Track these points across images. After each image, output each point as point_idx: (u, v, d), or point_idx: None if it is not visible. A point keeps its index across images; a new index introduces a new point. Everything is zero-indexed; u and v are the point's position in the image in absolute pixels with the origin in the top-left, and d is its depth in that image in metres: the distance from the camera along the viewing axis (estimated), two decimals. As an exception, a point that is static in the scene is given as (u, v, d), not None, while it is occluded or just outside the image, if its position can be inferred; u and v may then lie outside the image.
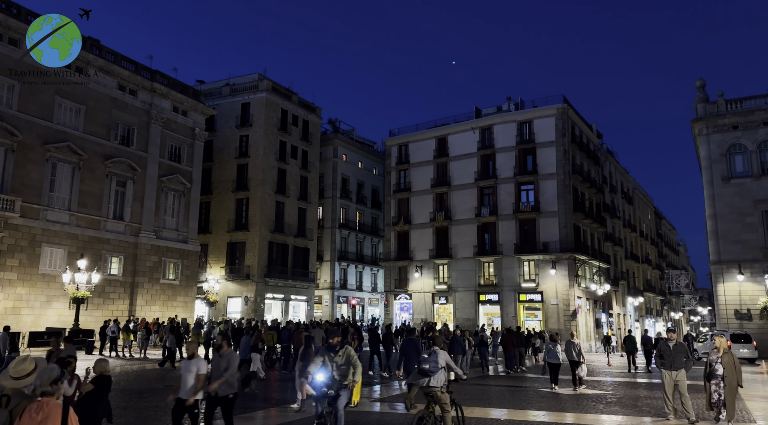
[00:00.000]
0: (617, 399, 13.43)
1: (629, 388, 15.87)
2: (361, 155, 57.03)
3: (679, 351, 10.27)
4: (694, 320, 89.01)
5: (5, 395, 4.11)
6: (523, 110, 46.75)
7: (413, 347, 13.08)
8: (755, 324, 35.39)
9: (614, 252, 52.78)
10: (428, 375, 7.48)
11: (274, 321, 27.88)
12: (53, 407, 3.90)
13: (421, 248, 48.00)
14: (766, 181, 36.25)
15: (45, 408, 3.88)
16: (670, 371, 10.22)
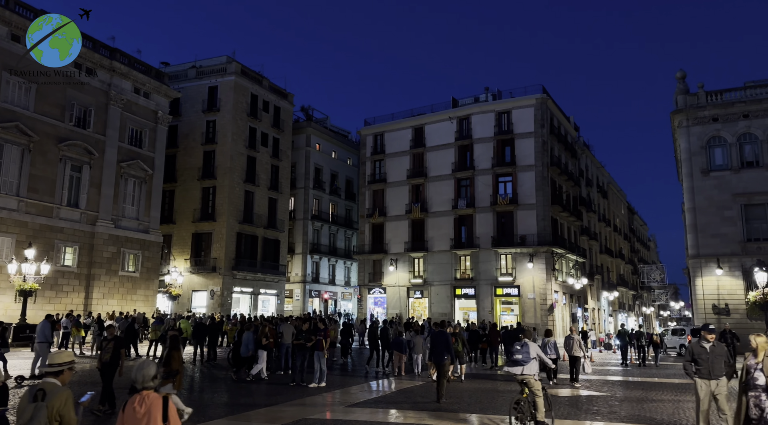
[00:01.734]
0: (619, 402, 12.24)
1: (627, 388, 14.76)
2: (335, 145, 55.31)
3: (718, 354, 8.06)
4: (664, 315, 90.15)
5: (41, 389, 4.28)
6: (500, 100, 45.73)
7: (444, 339, 12.84)
8: (733, 318, 35.16)
9: (590, 246, 52.39)
10: (521, 365, 8.52)
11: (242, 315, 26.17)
12: (154, 400, 4.12)
13: (396, 241, 46.65)
14: (746, 174, 35.98)
15: (147, 400, 4.11)
16: (709, 380, 7.99)
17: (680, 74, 39.80)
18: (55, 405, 4.25)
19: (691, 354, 8.21)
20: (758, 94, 36.57)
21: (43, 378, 4.47)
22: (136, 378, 4.25)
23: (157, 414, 4.11)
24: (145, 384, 4.23)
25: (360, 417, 10.48)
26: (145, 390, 4.22)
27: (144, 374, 4.25)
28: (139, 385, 4.24)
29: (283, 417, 10.16)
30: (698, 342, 8.22)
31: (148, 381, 4.25)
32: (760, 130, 35.86)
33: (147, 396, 4.17)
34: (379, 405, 11.88)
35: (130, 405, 4.15)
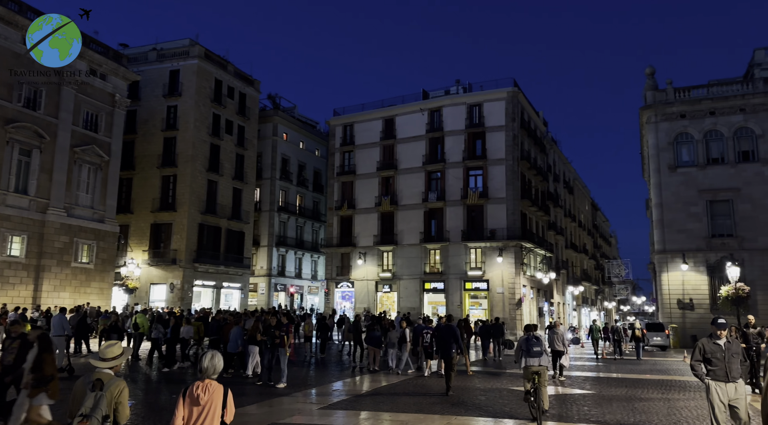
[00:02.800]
0: (607, 401, 11.68)
1: (611, 386, 14.28)
2: (303, 135, 53.90)
3: (735, 352, 7.00)
4: (624, 309, 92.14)
5: (98, 379, 4.48)
6: (472, 93, 45.25)
7: (452, 333, 12.98)
8: (697, 313, 35.73)
9: (556, 241, 52.68)
10: (538, 357, 9.39)
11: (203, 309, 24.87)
12: (216, 388, 4.39)
13: (365, 234, 45.73)
14: (712, 170, 36.51)
15: (210, 388, 4.35)
16: (726, 383, 6.87)
17: (649, 70, 40.08)
18: (113, 394, 4.44)
19: (702, 353, 7.11)
20: (724, 92, 37.11)
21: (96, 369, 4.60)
22: (207, 367, 4.42)
23: (219, 402, 4.33)
24: (210, 375, 4.43)
25: (335, 422, 9.58)
26: (208, 379, 4.41)
27: (216, 365, 4.47)
28: (207, 375, 4.42)
29: (249, 422, 9.19)
30: (710, 340, 7.14)
31: (215, 373, 4.45)
32: (726, 127, 36.40)
33: (210, 384, 4.37)
34: (356, 406, 11.01)
35: (192, 390, 4.32)
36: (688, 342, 34.56)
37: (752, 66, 46.04)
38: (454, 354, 12.67)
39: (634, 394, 12.33)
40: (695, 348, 7.29)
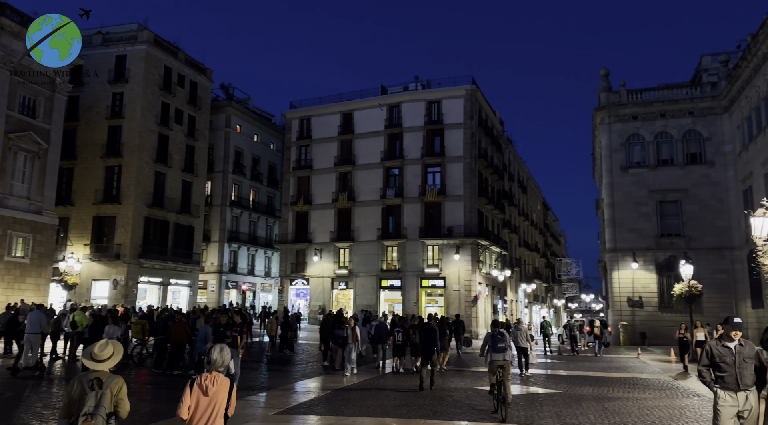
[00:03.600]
0: (576, 401, 11.39)
1: (575, 384, 14.07)
2: (258, 127, 52.32)
3: (747, 356, 6.02)
4: (572, 307, 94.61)
5: (96, 378, 4.47)
6: (431, 89, 45.03)
7: (432, 332, 13.09)
8: (645, 311, 36.71)
9: (510, 239, 53.24)
10: (503, 352, 9.77)
11: (149, 307, 23.45)
12: (223, 381, 4.51)
13: (321, 230, 44.78)
14: (662, 171, 37.52)
15: (218, 380, 4.47)
16: (736, 392, 5.94)
17: (603, 72, 40.86)
18: (114, 391, 4.47)
19: (710, 357, 6.17)
20: (674, 95, 38.22)
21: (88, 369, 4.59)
22: (216, 359, 4.54)
23: (225, 394, 4.47)
24: (219, 367, 4.55)
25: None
26: (216, 371, 4.52)
27: (224, 357, 4.60)
28: (215, 367, 4.53)
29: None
30: (719, 342, 6.22)
31: (222, 365, 4.56)
32: (676, 129, 37.50)
33: (217, 377, 4.49)
34: (317, 410, 10.27)
35: (200, 382, 4.43)
36: (638, 340, 35.50)
37: (699, 71, 47.90)
38: (434, 353, 12.89)
39: (601, 393, 12.12)
40: (703, 351, 6.26)
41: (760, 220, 10.77)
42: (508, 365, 9.78)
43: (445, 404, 10.82)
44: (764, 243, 10.89)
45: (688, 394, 11.72)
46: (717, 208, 35.73)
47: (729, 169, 35.52)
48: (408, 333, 15.57)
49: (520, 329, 16.24)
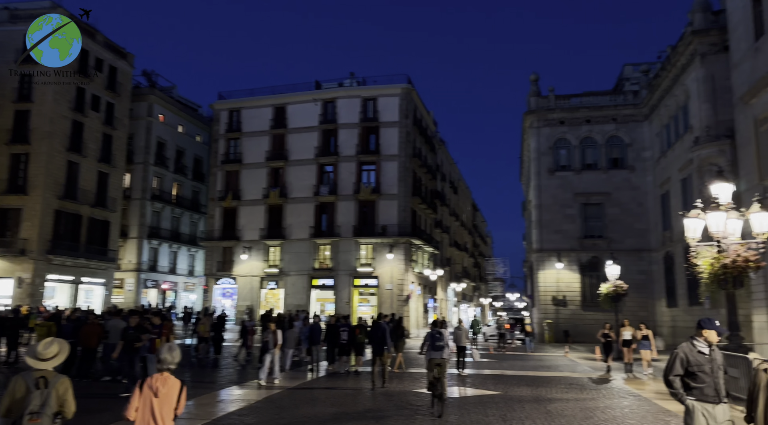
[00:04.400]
0: (519, 403, 11.13)
1: (512, 384, 13.90)
2: (183, 118, 49.64)
3: (721, 364, 5.38)
4: (496, 305, 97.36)
5: (42, 377, 4.39)
6: (366, 86, 44.50)
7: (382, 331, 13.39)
8: (569, 309, 38.02)
9: (441, 239, 53.74)
10: (442, 350, 10.07)
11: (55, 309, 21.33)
12: (174, 382, 4.44)
13: (250, 227, 43.06)
14: (586, 175, 38.99)
15: (168, 381, 4.40)
16: (714, 405, 5.22)
17: (533, 77, 41.98)
18: (59, 391, 4.42)
19: (684, 365, 5.31)
20: (599, 102, 39.84)
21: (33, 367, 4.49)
22: (166, 358, 4.51)
23: (175, 395, 4.42)
24: (169, 366, 4.52)
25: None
26: (167, 371, 4.49)
27: (174, 356, 4.57)
28: (165, 366, 4.49)
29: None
30: (693, 347, 5.38)
31: (173, 364, 4.54)
32: (600, 135, 39.08)
33: (168, 378, 4.45)
34: (247, 420, 9.36)
35: (150, 383, 4.38)
36: (561, 337, 36.68)
37: (621, 80, 50.45)
38: (385, 351, 13.10)
39: (540, 394, 11.96)
40: (674, 357, 5.41)
41: (694, 221, 10.97)
42: (446, 363, 10.19)
43: (386, 408, 10.23)
44: (697, 244, 11.09)
45: (624, 394, 11.81)
46: (636, 212, 37.56)
47: (648, 174, 37.45)
48: (354, 333, 15.37)
49: (462, 329, 16.39)
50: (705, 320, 5.46)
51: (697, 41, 27.88)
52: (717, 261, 10.37)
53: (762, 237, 10.28)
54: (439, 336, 10.32)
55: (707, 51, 27.75)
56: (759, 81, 20.49)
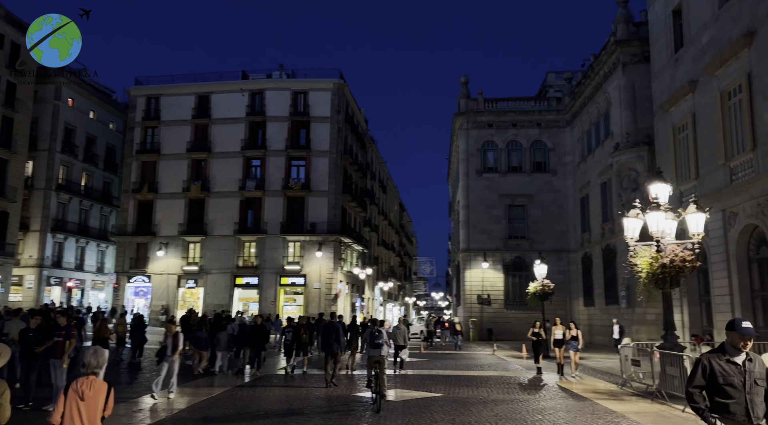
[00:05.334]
0: (464, 406, 10.75)
1: (451, 385, 13.56)
2: (95, 103, 45.96)
3: (759, 377, 4.25)
4: (420, 304, 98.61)
5: None
6: (297, 79, 43.26)
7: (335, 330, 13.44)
8: (492, 308, 38.81)
9: (370, 238, 53.39)
10: (380, 348, 10.58)
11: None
12: (100, 385, 4.36)
13: (168, 222, 40.53)
14: (511, 177, 39.99)
15: (94, 384, 4.32)
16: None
17: (464, 79, 42.54)
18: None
19: (709, 376, 4.31)
20: (524, 107, 41.01)
21: None
22: (90, 362, 4.41)
23: (102, 398, 4.33)
24: (95, 369, 4.42)
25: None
26: (92, 374, 4.39)
27: (99, 359, 4.47)
28: (90, 370, 4.40)
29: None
30: (721, 355, 4.35)
31: (98, 367, 4.44)
32: (525, 139, 40.21)
33: (94, 381, 4.35)
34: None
35: (76, 387, 4.31)
36: (485, 335, 37.37)
37: (545, 86, 52.32)
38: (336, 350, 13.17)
39: (483, 396, 11.67)
40: (696, 365, 4.47)
41: (633, 221, 11.11)
42: (384, 360, 10.54)
43: (326, 406, 9.50)
44: (635, 244, 11.24)
45: (566, 395, 11.66)
46: (557, 214, 38.99)
47: (569, 178, 38.96)
48: (299, 333, 15.13)
49: (400, 329, 16.30)
50: (735, 320, 4.38)
51: (619, 50, 29.18)
52: (656, 261, 10.50)
53: (698, 238, 10.53)
54: (378, 335, 10.65)
55: (629, 60, 29.13)
56: (679, 90, 21.61)
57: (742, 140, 17.59)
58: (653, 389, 10.87)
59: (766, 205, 16.29)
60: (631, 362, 11.98)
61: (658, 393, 10.61)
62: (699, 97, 20.41)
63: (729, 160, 18.28)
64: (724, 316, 18.60)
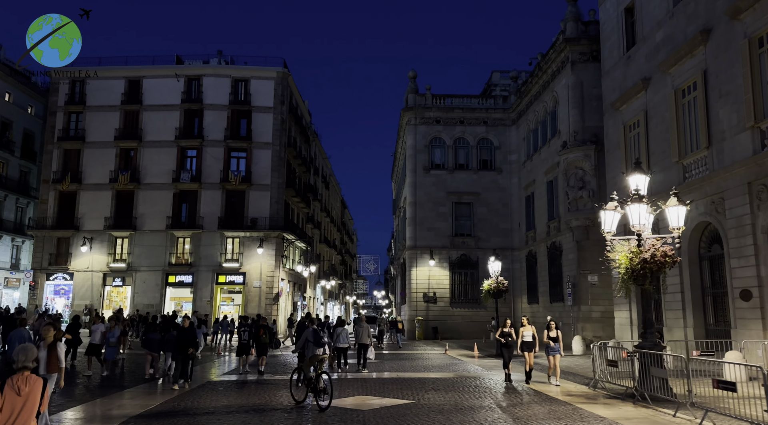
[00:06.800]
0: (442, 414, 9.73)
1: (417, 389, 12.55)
2: (11, 85, 41.75)
3: None
4: (360, 303, 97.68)
5: None
6: (237, 66, 41.09)
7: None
8: (438, 306, 38.35)
9: (312, 235, 51.80)
10: (322, 347, 10.64)
11: None
12: (36, 381, 4.38)
13: (93, 215, 37.36)
14: (458, 174, 39.69)
15: (29, 380, 4.33)
16: None
17: (412, 74, 41.87)
18: None
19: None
20: (471, 104, 40.83)
21: None
22: (18, 357, 4.51)
23: (38, 394, 4.34)
24: (26, 364, 4.50)
25: None
26: (25, 369, 4.45)
27: (27, 354, 4.56)
28: (20, 365, 4.48)
29: None
30: None
31: (29, 362, 4.53)
32: (472, 136, 40.02)
33: (29, 377, 4.38)
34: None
35: (12, 383, 4.32)
36: (431, 334, 36.85)
37: (490, 85, 52.62)
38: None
39: (457, 402, 10.64)
40: None
41: (611, 214, 10.51)
42: (325, 359, 10.62)
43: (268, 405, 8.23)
44: (613, 238, 10.64)
45: (544, 399, 10.77)
46: (502, 212, 39.04)
47: (514, 177, 39.08)
48: (259, 333, 15.00)
49: (363, 327, 16.02)
50: None
51: (569, 49, 29.26)
52: (636, 256, 9.91)
53: (678, 232, 10.03)
54: (322, 334, 10.72)
55: (577, 59, 29.27)
56: (631, 88, 21.65)
57: (697, 138, 17.67)
58: (632, 391, 10.28)
59: (720, 203, 16.36)
60: (606, 362, 11.38)
61: (638, 395, 10.02)
62: (652, 95, 20.48)
63: (682, 157, 18.35)
64: (674, 314, 18.70)
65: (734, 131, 15.70)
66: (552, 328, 13.01)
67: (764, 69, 14.70)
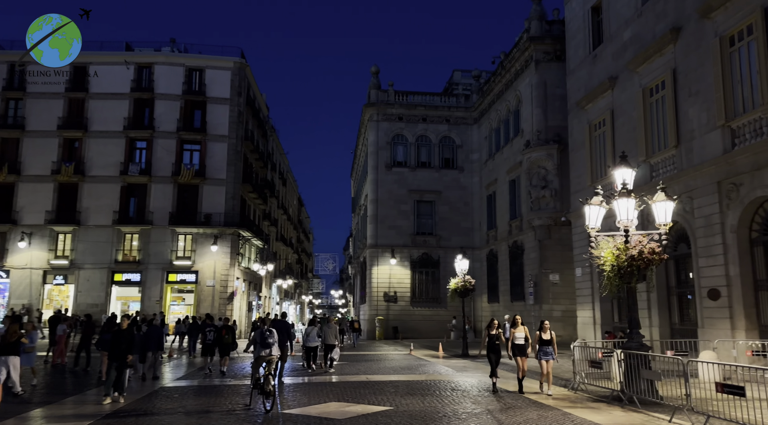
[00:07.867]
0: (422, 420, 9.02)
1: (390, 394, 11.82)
2: (-60, 66, 38.51)
3: None
4: (315, 303, 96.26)
5: None
6: (191, 54, 39.30)
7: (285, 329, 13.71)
8: (399, 306, 37.80)
9: (269, 232, 50.34)
10: (271, 347, 10.50)
11: None
12: None
13: (33, 209, 34.89)
14: (420, 172, 39.27)
15: None
16: None
17: (374, 69, 41.20)
18: None
19: None
20: (434, 102, 40.48)
21: None
22: None
23: None
24: None
25: None
26: None
27: None
28: None
29: None
30: None
31: None
32: (434, 134, 39.69)
33: None
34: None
35: None
36: (391, 334, 36.26)
37: (451, 84, 52.52)
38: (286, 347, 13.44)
39: (438, 408, 9.90)
40: None
41: (596, 209, 10.09)
42: (274, 359, 10.46)
43: None
44: (598, 234, 10.22)
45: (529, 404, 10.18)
46: (464, 211, 38.88)
47: (475, 176, 38.97)
48: (221, 333, 15.00)
49: (331, 327, 15.97)
50: None
51: (533, 47, 29.23)
52: (623, 253, 9.50)
53: (665, 228, 9.69)
54: (269, 334, 10.50)
55: (541, 58, 29.27)
56: (597, 87, 21.61)
57: (665, 136, 17.68)
58: (618, 394, 9.86)
59: (687, 202, 16.37)
60: (589, 363, 10.96)
61: (625, 399, 9.59)
62: (618, 94, 20.47)
63: (650, 156, 18.35)
64: (640, 313, 18.67)
65: (704, 130, 15.72)
66: (545, 330, 11.26)
67: (735, 67, 14.75)
